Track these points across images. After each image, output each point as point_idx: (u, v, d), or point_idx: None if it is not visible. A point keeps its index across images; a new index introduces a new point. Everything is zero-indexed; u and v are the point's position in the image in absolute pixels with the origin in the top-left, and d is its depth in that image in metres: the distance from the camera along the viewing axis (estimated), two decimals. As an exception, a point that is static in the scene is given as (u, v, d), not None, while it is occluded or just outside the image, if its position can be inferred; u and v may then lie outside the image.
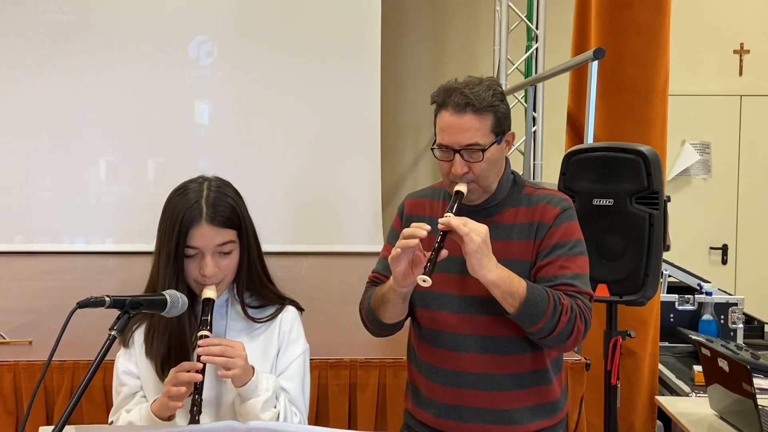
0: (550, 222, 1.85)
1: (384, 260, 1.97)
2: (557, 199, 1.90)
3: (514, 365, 1.87)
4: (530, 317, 1.73)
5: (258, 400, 1.66)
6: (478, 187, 1.84)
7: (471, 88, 1.80)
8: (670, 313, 3.79)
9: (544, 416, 1.91)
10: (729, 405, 2.45)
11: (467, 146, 1.79)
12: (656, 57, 3.33)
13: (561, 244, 1.83)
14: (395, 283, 1.78)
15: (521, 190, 1.92)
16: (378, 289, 1.90)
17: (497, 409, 1.87)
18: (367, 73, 5.95)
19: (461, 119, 1.79)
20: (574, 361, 2.85)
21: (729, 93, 6.07)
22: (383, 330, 1.96)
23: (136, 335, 1.78)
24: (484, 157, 1.80)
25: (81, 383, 1.40)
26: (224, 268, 1.73)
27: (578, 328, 1.78)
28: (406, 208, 2.02)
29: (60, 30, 5.86)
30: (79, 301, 1.45)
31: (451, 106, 1.80)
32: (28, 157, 5.88)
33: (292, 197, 5.93)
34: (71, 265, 5.40)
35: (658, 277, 2.65)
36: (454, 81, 1.85)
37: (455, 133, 1.79)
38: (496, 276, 1.71)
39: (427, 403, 1.94)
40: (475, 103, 1.78)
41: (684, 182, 6.09)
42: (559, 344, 1.81)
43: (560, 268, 1.82)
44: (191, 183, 1.77)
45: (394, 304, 1.84)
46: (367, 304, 1.94)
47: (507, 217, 1.89)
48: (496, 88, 1.84)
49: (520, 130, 5.52)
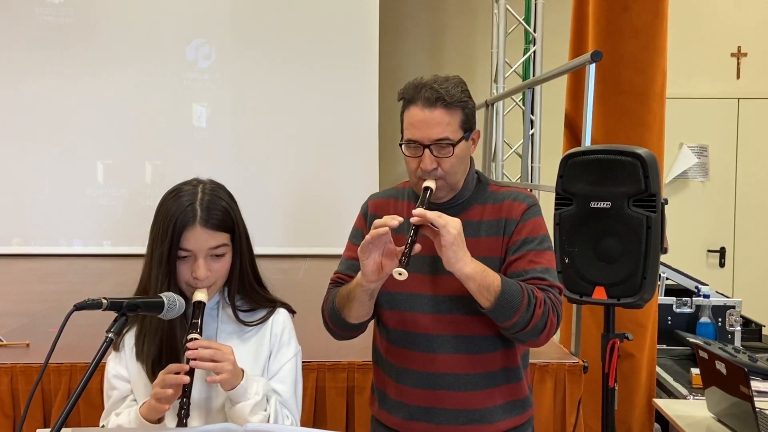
0: (517, 218, 1.86)
1: (347, 261, 1.97)
2: (523, 195, 1.91)
3: (487, 363, 1.87)
4: (505, 311, 1.73)
5: (247, 403, 1.66)
6: (445, 184, 1.84)
7: (440, 84, 1.81)
8: (668, 316, 3.80)
9: (514, 413, 1.91)
10: (727, 408, 2.45)
11: (437, 141, 1.79)
12: (654, 60, 3.34)
13: (530, 240, 1.84)
14: (363, 278, 1.74)
15: (486, 188, 1.93)
16: (343, 288, 1.87)
17: (470, 409, 1.86)
18: (365, 75, 5.95)
19: (432, 114, 1.79)
20: (572, 364, 2.84)
21: (726, 96, 6.09)
22: (346, 331, 1.92)
23: (126, 338, 1.77)
24: (454, 153, 1.80)
25: (78, 386, 1.39)
26: (216, 272, 1.73)
27: (551, 321, 1.78)
28: (369, 208, 2.00)
29: (58, 33, 5.85)
30: (76, 303, 1.45)
31: (421, 101, 1.80)
32: (25, 159, 5.87)
33: (290, 200, 5.93)
34: (69, 267, 5.39)
35: (656, 279, 2.65)
36: (420, 78, 1.85)
37: (425, 128, 1.79)
38: (472, 269, 1.70)
39: (395, 407, 1.92)
40: (446, 98, 1.78)
41: (681, 185, 6.10)
42: (533, 338, 1.80)
43: (530, 262, 1.82)
44: (185, 185, 1.76)
45: (360, 302, 1.81)
46: (331, 304, 1.90)
47: (474, 214, 1.89)
48: (463, 85, 1.85)
49: (517, 132, 5.53)
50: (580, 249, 2.65)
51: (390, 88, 6.18)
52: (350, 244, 1.99)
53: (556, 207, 2.71)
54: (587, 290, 2.65)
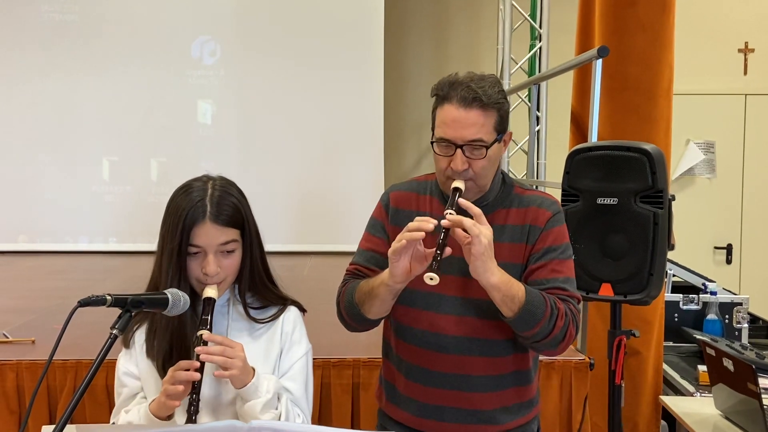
0: (542, 226, 1.84)
1: (365, 252, 1.94)
2: (548, 202, 1.89)
3: (499, 366, 1.86)
4: (527, 322, 1.71)
5: (258, 401, 1.66)
6: (474, 185, 1.81)
7: (477, 83, 1.76)
8: (675, 313, 3.78)
9: (522, 413, 1.91)
10: (734, 405, 2.44)
11: (471, 142, 1.75)
12: (661, 56, 3.32)
13: (553, 248, 1.82)
14: (391, 279, 1.72)
15: (511, 191, 1.90)
16: (364, 283, 1.84)
17: (480, 409, 1.86)
18: (370, 72, 5.94)
19: (467, 114, 1.74)
20: (578, 361, 2.84)
21: (733, 92, 6.06)
22: (362, 325, 1.90)
23: (136, 335, 1.78)
24: (486, 155, 1.76)
25: (82, 382, 1.39)
26: (226, 268, 1.72)
27: (570, 333, 1.77)
28: (391, 200, 1.96)
29: (63, 30, 5.86)
30: (81, 299, 1.44)
31: (457, 99, 1.75)
32: (31, 156, 5.88)
33: (295, 196, 5.93)
34: (74, 264, 5.40)
35: (663, 276, 2.64)
36: (455, 75, 1.80)
37: (460, 128, 1.75)
38: (498, 279, 1.68)
39: (404, 402, 1.91)
40: (483, 99, 1.74)
41: (688, 181, 6.08)
42: (551, 348, 1.79)
43: (552, 271, 1.81)
44: (195, 182, 1.76)
45: (383, 301, 1.79)
46: (350, 298, 1.86)
47: (498, 218, 1.85)
48: (499, 86, 1.81)
49: (523, 128, 5.51)
50: (587, 245, 2.64)
51: (395, 85, 6.18)
52: (368, 234, 1.96)
53: (563, 203, 2.69)
54: (594, 287, 2.65)
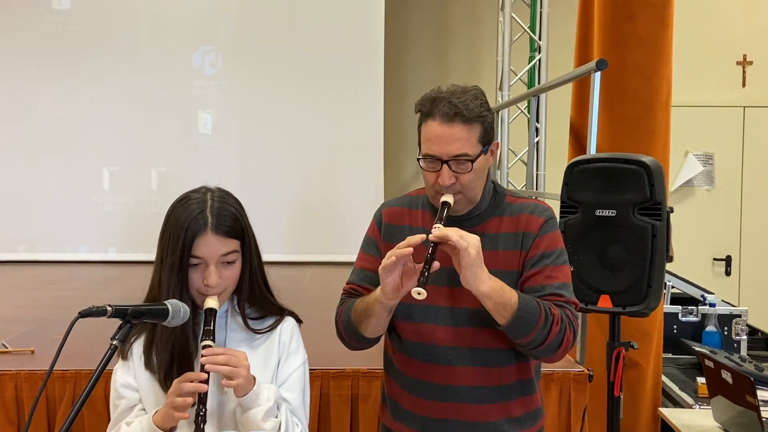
0: (535, 232, 1.84)
1: (360, 271, 1.94)
2: (540, 208, 1.89)
3: (502, 377, 1.86)
4: (522, 328, 1.71)
5: (259, 410, 1.66)
6: (464, 197, 1.82)
7: (458, 97, 1.76)
8: (674, 325, 3.78)
9: (527, 425, 1.90)
10: (732, 417, 2.44)
11: (456, 157, 1.76)
12: (659, 68, 3.34)
13: (548, 254, 1.83)
14: (383, 296, 1.71)
15: (503, 199, 1.91)
16: (359, 302, 1.84)
17: (485, 421, 1.85)
18: (370, 83, 5.96)
19: (450, 129, 1.74)
20: (577, 373, 2.83)
21: (732, 104, 6.08)
22: (361, 344, 1.90)
23: (134, 347, 1.77)
24: (472, 168, 1.77)
25: (82, 393, 1.39)
26: (227, 278, 1.73)
27: (567, 338, 1.77)
28: (384, 217, 1.97)
29: (65, 40, 5.88)
30: (81, 310, 1.45)
31: (439, 115, 1.75)
32: (31, 166, 5.89)
33: (295, 207, 5.94)
34: (74, 274, 5.40)
35: (662, 288, 2.64)
36: (438, 90, 1.80)
37: (444, 144, 1.75)
38: (489, 287, 1.68)
39: (409, 418, 1.90)
40: (465, 113, 1.74)
41: (687, 193, 6.09)
42: (549, 354, 1.79)
43: (547, 277, 1.81)
44: (194, 193, 1.77)
45: (378, 318, 1.79)
46: (347, 318, 1.86)
47: (491, 226, 1.86)
48: (482, 97, 1.81)
49: (523, 140, 5.53)
50: (585, 257, 2.64)
51: (395, 95, 6.20)
52: (362, 253, 1.97)
53: (561, 215, 2.71)
54: (592, 298, 2.65)
